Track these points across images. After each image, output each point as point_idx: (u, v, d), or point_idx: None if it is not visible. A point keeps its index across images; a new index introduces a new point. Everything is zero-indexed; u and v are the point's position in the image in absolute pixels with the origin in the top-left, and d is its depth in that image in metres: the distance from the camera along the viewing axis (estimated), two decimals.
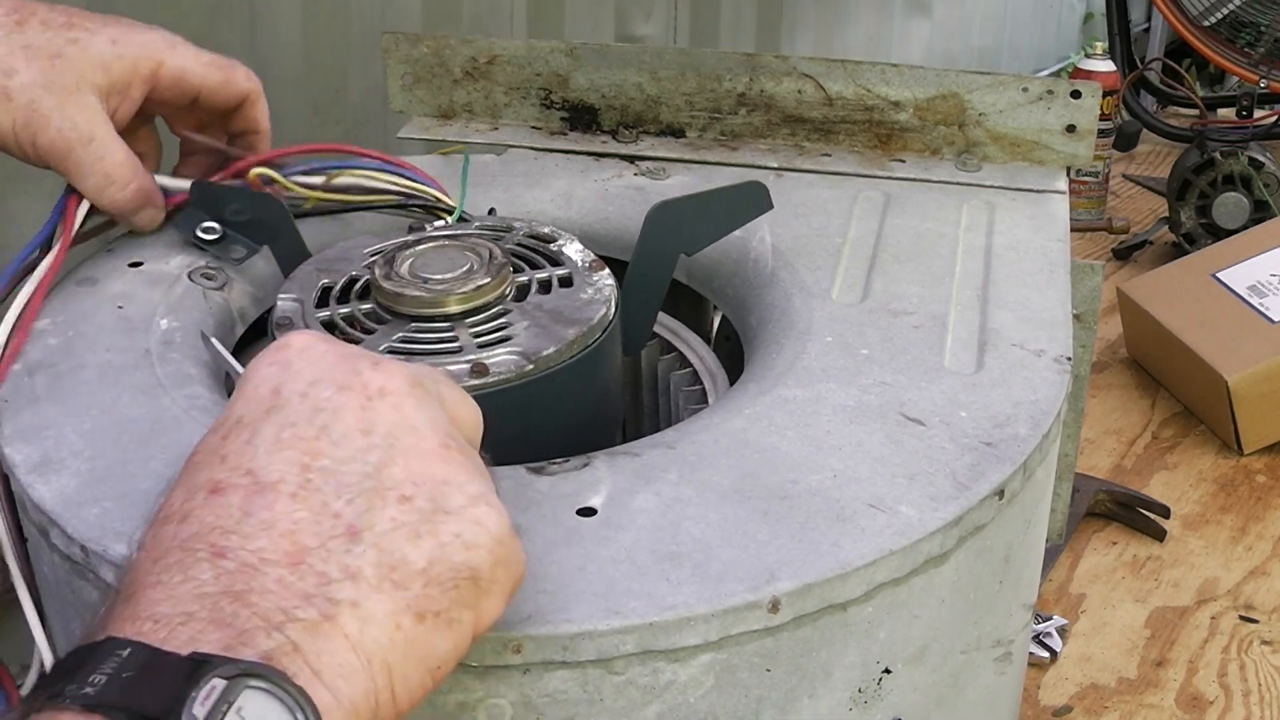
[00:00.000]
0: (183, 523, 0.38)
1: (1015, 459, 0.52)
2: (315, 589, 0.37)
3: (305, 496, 0.39)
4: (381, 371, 0.42)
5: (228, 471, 0.39)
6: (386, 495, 0.39)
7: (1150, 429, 1.24)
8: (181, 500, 0.39)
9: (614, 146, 0.83)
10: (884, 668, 0.49)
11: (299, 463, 0.39)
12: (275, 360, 0.43)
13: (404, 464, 0.40)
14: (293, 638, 0.36)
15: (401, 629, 0.38)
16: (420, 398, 0.42)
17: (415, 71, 0.85)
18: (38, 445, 0.53)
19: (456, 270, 0.60)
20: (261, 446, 0.40)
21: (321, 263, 0.64)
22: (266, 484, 0.39)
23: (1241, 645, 0.95)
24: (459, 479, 0.41)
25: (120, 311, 0.62)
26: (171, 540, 0.38)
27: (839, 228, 0.71)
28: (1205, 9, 1.69)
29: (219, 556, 0.37)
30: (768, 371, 0.58)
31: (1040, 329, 0.61)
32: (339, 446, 0.40)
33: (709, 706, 0.46)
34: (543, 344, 0.57)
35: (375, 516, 0.39)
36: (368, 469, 0.40)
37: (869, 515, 0.48)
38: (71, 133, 0.62)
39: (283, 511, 0.38)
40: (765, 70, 0.81)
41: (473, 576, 0.39)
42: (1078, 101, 0.78)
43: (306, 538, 0.38)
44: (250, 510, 0.38)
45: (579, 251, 0.64)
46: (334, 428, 0.40)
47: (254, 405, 0.41)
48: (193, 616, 0.35)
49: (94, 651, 0.34)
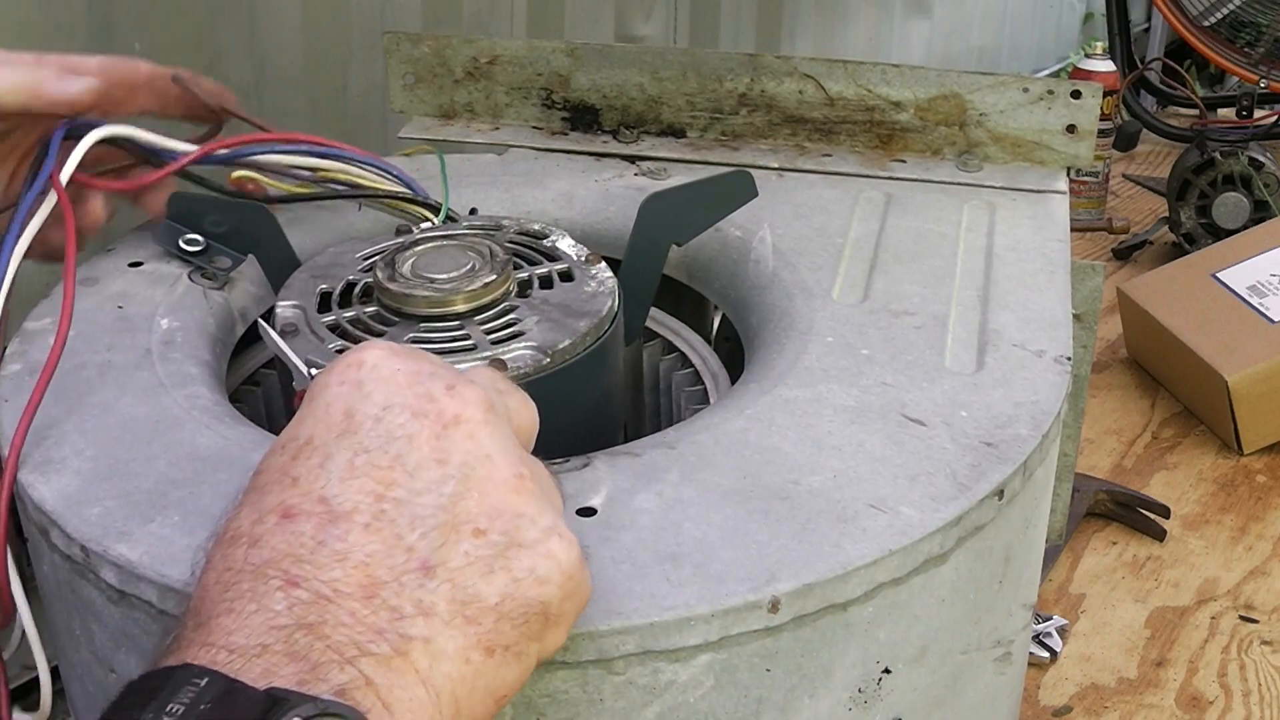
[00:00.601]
0: (254, 547, 0.38)
1: (1015, 459, 0.52)
2: (388, 624, 0.37)
3: (379, 528, 0.38)
4: (456, 398, 0.41)
5: (299, 497, 0.39)
6: (461, 529, 0.39)
7: (1150, 429, 1.24)
8: (251, 522, 0.39)
9: (615, 147, 0.83)
10: (884, 668, 0.49)
11: (373, 492, 0.39)
12: (346, 379, 0.42)
13: (478, 496, 0.40)
14: (365, 672, 0.36)
15: (471, 663, 0.38)
16: (494, 424, 0.41)
17: (416, 71, 0.85)
18: (38, 444, 0.53)
19: (461, 269, 0.60)
20: (335, 473, 0.39)
21: (315, 269, 0.64)
22: (340, 513, 0.38)
23: (1241, 645, 0.95)
24: (532, 511, 0.40)
25: (120, 311, 0.62)
26: (243, 564, 0.38)
27: (840, 228, 0.71)
28: (1205, 9, 1.69)
29: (292, 585, 0.37)
30: (768, 372, 0.58)
31: (1041, 329, 0.61)
32: (414, 477, 0.39)
33: (709, 707, 0.46)
34: (557, 337, 0.58)
35: (449, 551, 0.38)
36: (442, 501, 0.39)
37: (870, 515, 0.48)
38: None
39: (356, 543, 0.38)
40: (766, 70, 0.81)
41: (543, 611, 0.40)
42: (1078, 102, 0.78)
43: (380, 571, 0.37)
44: (323, 540, 0.38)
45: (573, 246, 0.65)
46: (408, 457, 0.40)
47: (325, 426, 0.40)
48: (268, 648, 0.35)
49: (169, 678, 0.34)
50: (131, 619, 0.48)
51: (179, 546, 0.47)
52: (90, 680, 0.53)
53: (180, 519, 0.48)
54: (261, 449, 0.52)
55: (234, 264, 0.66)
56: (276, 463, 0.40)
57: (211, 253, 0.66)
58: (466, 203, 0.74)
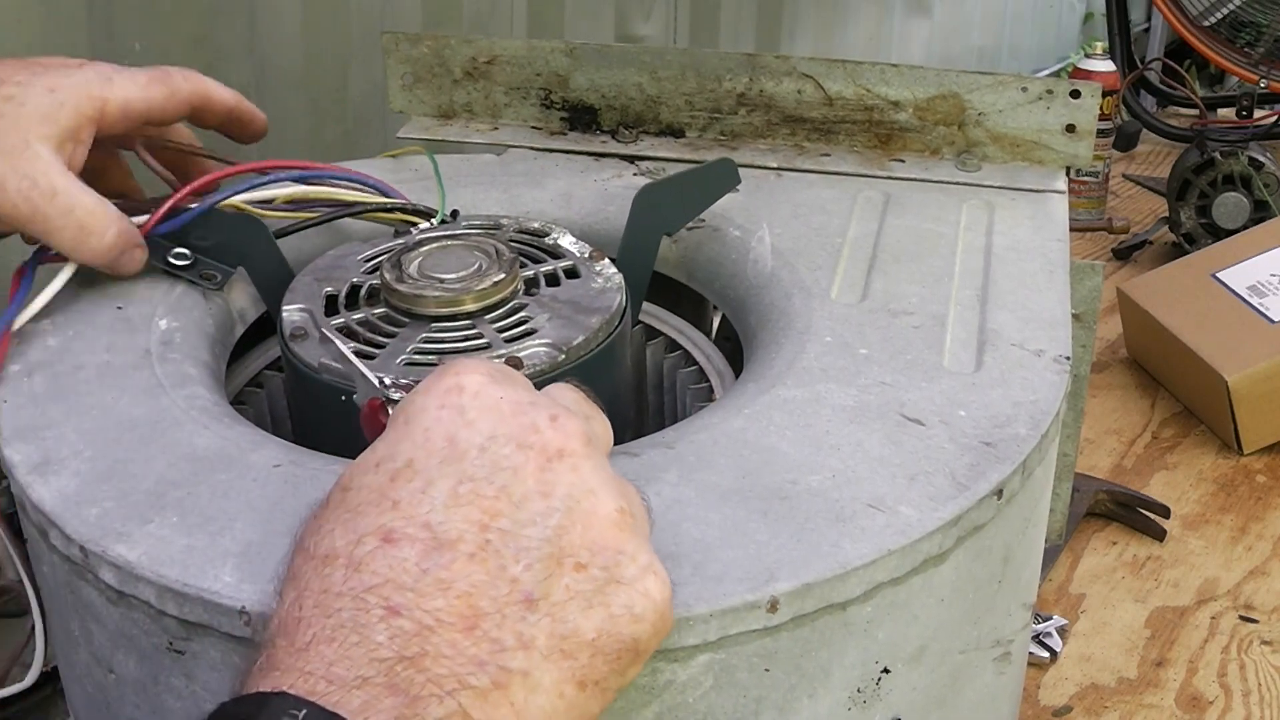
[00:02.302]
0: (353, 570, 0.38)
1: (1014, 459, 0.52)
2: (488, 656, 0.37)
3: (483, 558, 0.38)
4: (559, 430, 0.41)
5: (402, 521, 0.38)
6: (564, 562, 0.39)
7: (1150, 429, 1.24)
8: (348, 543, 0.38)
9: (614, 146, 0.83)
10: (883, 668, 0.49)
11: (478, 521, 0.39)
12: (448, 404, 0.41)
13: (581, 530, 0.40)
14: (464, 704, 0.36)
15: (564, 698, 0.38)
16: (594, 458, 0.42)
17: (415, 71, 0.85)
18: (37, 445, 0.53)
19: (468, 268, 0.60)
20: (439, 499, 0.39)
21: (318, 272, 0.63)
22: (445, 541, 0.38)
23: (1241, 645, 0.95)
24: (631, 548, 0.40)
25: (120, 311, 0.62)
26: (342, 587, 0.37)
27: (839, 228, 0.71)
28: (1205, 9, 1.69)
29: (393, 614, 0.36)
30: (767, 371, 0.58)
31: (1040, 329, 0.61)
32: (519, 509, 0.39)
33: (708, 707, 0.46)
34: (570, 334, 0.58)
35: (551, 585, 0.39)
36: (546, 533, 0.39)
37: (868, 515, 0.48)
38: (32, 191, 0.58)
39: (460, 572, 0.38)
40: (765, 70, 0.81)
41: (634, 647, 0.40)
42: (1077, 101, 0.78)
43: (483, 602, 0.37)
44: (427, 568, 0.37)
45: (574, 243, 0.65)
46: (514, 488, 0.40)
47: (427, 451, 0.40)
48: (368, 681, 0.35)
49: (265, 704, 0.34)
50: (130, 619, 0.48)
51: (178, 547, 0.47)
52: (90, 681, 0.53)
53: (179, 519, 0.48)
54: (260, 449, 0.52)
55: (224, 278, 0.65)
56: (372, 482, 0.40)
57: (200, 267, 0.65)
58: (465, 203, 0.74)
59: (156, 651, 0.48)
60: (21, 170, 0.58)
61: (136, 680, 0.49)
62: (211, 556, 0.46)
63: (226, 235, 0.65)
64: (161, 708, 0.49)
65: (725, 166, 0.71)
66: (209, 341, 0.63)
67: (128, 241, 0.62)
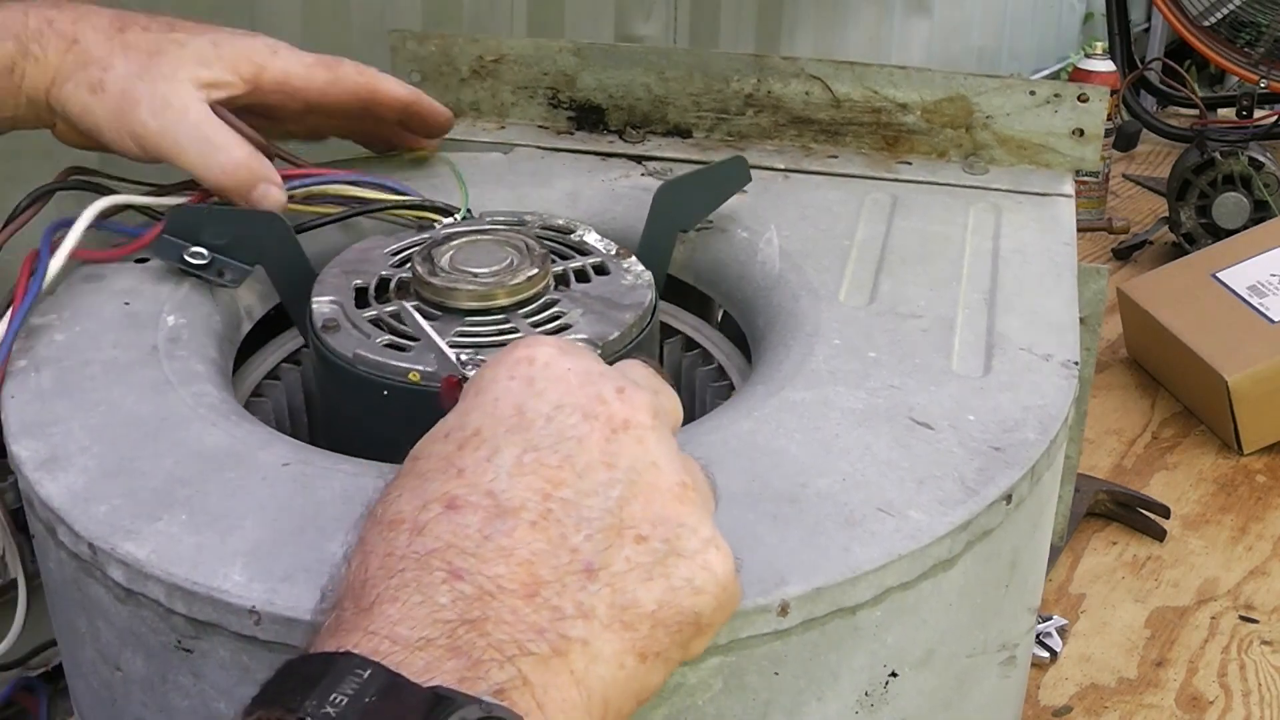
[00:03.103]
0: (417, 534, 0.38)
1: (1024, 464, 0.52)
2: (548, 623, 0.37)
3: (545, 527, 0.38)
4: (626, 402, 0.41)
5: (465, 488, 0.39)
6: (624, 534, 0.39)
7: (1150, 429, 1.24)
8: (414, 508, 0.39)
9: (621, 146, 0.83)
10: (891, 671, 0.49)
11: (541, 490, 0.39)
12: (517, 374, 0.42)
13: (643, 502, 0.40)
14: (524, 671, 0.36)
15: (625, 668, 0.38)
16: (660, 430, 0.42)
17: (422, 70, 0.85)
18: (45, 442, 0.53)
19: (501, 263, 0.60)
20: (503, 467, 0.39)
21: (345, 265, 0.63)
22: (508, 509, 0.38)
23: (1241, 645, 0.95)
24: (692, 521, 0.40)
25: (127, 308, 0.62)
26: (406, 550, 0.38)
27: (846, 230, 0.71)
28: (1205, 9, 1.69)
29: (456, 578, 0.37)
30: (775, 374, 0.58)
31: (1048, 333, 0.61)
32: (582, 479, 0.39)
33: (717, 710, 0.46)
34: (605, 329, 0.58)
35: (612, 555, 0.39)
36: (608, 504, 0.39)
37: (878, 519, 0.48)
38: (165, 110, 0.61)
39: (522, 539, 0.38)
40: (773, 71, 0.81)
41: (695, 620, 0.40)
42: (1085, 105, 0.78)
43: (543, 570, 0.38)
44: (489, 534, 0.38)
45: (599, 240, 0.65)
46: (578, 458, 0.40)
47: (494, 420, 0.41)
48: (431, 642, 0.35)
49: (331, 664, 0.34)
50: (139, 617, 0.48)
51: (186, 545, 0.47)
52: (95, 678, 0.52)
53: (187, 517, 0.48)
54: (268, 447, 0.52)
55: (241, 276, 0.65)
56: (440, 450, 0.41)
57: (217, 265, 0.64)
58: (472, 202, 0.74)
59: (164, 650, 0.48)
60: (160, 92, 0.61)
61: (144, 678, 0.49)
62: (221, 555, 0.46)
63: (244, 231, 0.64)
64: (169, 706, 0.49)
65: (738, 164, 0.71)
66: (216, 338, 0.63)
67: (260, 167, 0.63)
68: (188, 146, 0.62)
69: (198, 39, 0.63)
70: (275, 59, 0.65)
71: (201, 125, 0.62)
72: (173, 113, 0.61)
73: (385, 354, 0.56)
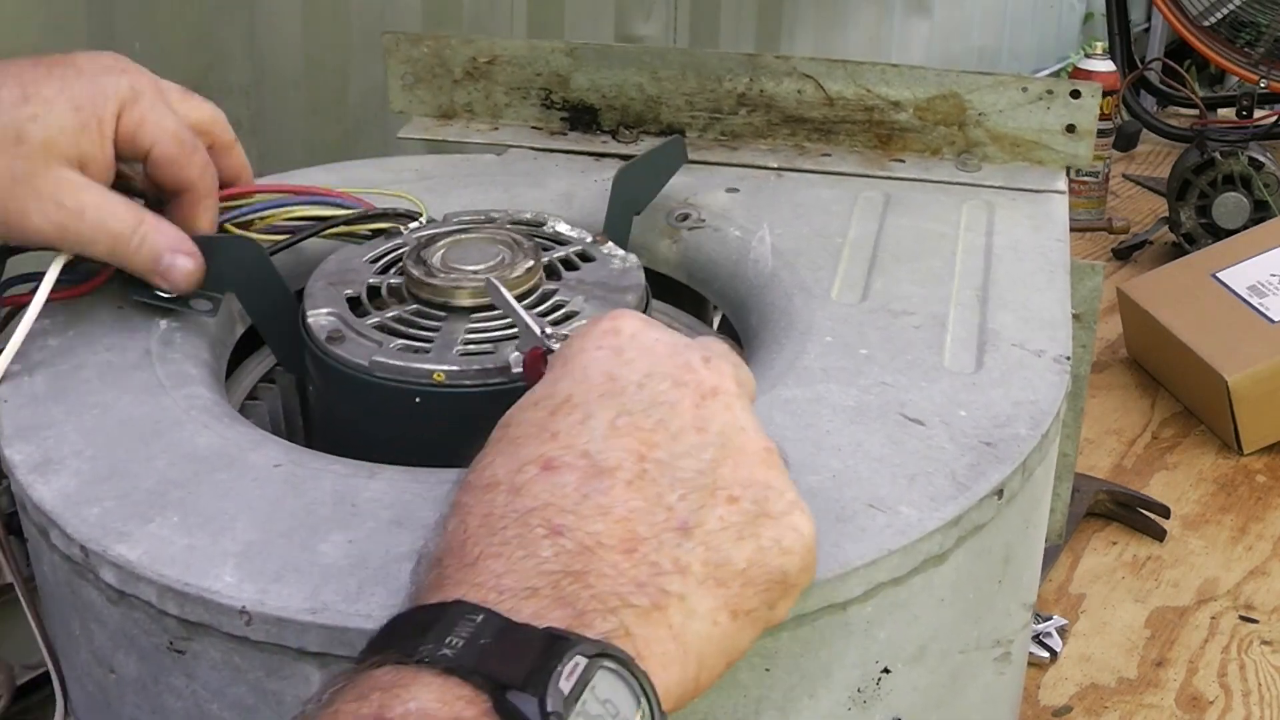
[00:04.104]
0: (515, 495, 0.39)
1: (1015, 459, 0.52)
2: (647, 578, 0.38)
3: (641, 486, 0.39)
4: (713, 370, 0.43)
5: (561, 450, 0.40)
6: (717, 494, 0.40)
7: (1150, 429, 1.24)
8: (509, 471, 0.40)
9: (614, 146, 0.83)
10: (883, 667, 0.49)
11: (636, 451, 0.40)
12: (605, 344, 0.43)
13: (733, 465, 0.41)
14: (626, 623, 0.37)
15: (718, 625, 0.39)
16: (744, 399, 0.43)
17: (416, 71, 0.85)
18: (38, 445, 0.53)
19: (493, 259, 0.60)
20: (597, 430, 0.40)
21: (328, 277, 0.62)
22: (604, 468, 0.39)
23: (1241, 645, 0.95)
24: (779, 484, 0.42)
25: (120, 311, 0.62)
26: (505, 509, 0.39)
27: (839, 228, 0.71)
28: (1205, 9, 1.69)
29: (556, 535, 0.38)
30: (767, 371, 0.58)
31: (1040, 329, 0.61)
32: (676, 441, 0.40)
33: (708, 706, 0.46)
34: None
35: (706, 514, 0.40)
36: (701, 466, 0.40)
37: (869, 515, 0.48)
38: (58, 213, 0.56)
39: (619, 498, 0.39)
40: (765, 70, 0.81)
41: (783, 580, 0.41)
42: (1077, 101, 0.78)
43: (641, 527, 0.38)
44: (587, 493, 0.39)
45: (571, 229, 0.66)
46: (671, 422, 0.41)
47: (586, 387, 0.42)
48: (537, 592, 0.36)
49: (443, 613, 0.35)
50: (131, 619, 0.48)
51: (178, 547, 0.47)
52: (90, 680, 0.53)
53: (180, 519, 0.48)
54: (260, 449, 0.52)
55: (214, 306, 0.62)
56: (532, 417, 0.41)
57: (188, 297, 0.61)
58: (466, 203, 0.74)
59: (157, 651, 0.48)
60: (46, 194, 0.56)
61: (137, 680, 0.49)
62: (212, 556, 0.46)
63: (211, 260, 0.61)
64: (162, 707, 0.49)
65: (676, 145, 0.74)
66: (209, 341, 0.63)
67: (170, 246, 0.59)
68: (93, 246, 0.58)
69: (57, 110, 0.57)
70: (134, 109, 0.59)
71: (105, 222, 0.58)
72: (67, 216, 0.56)
73: (404, 357, 0.56)
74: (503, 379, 0.55)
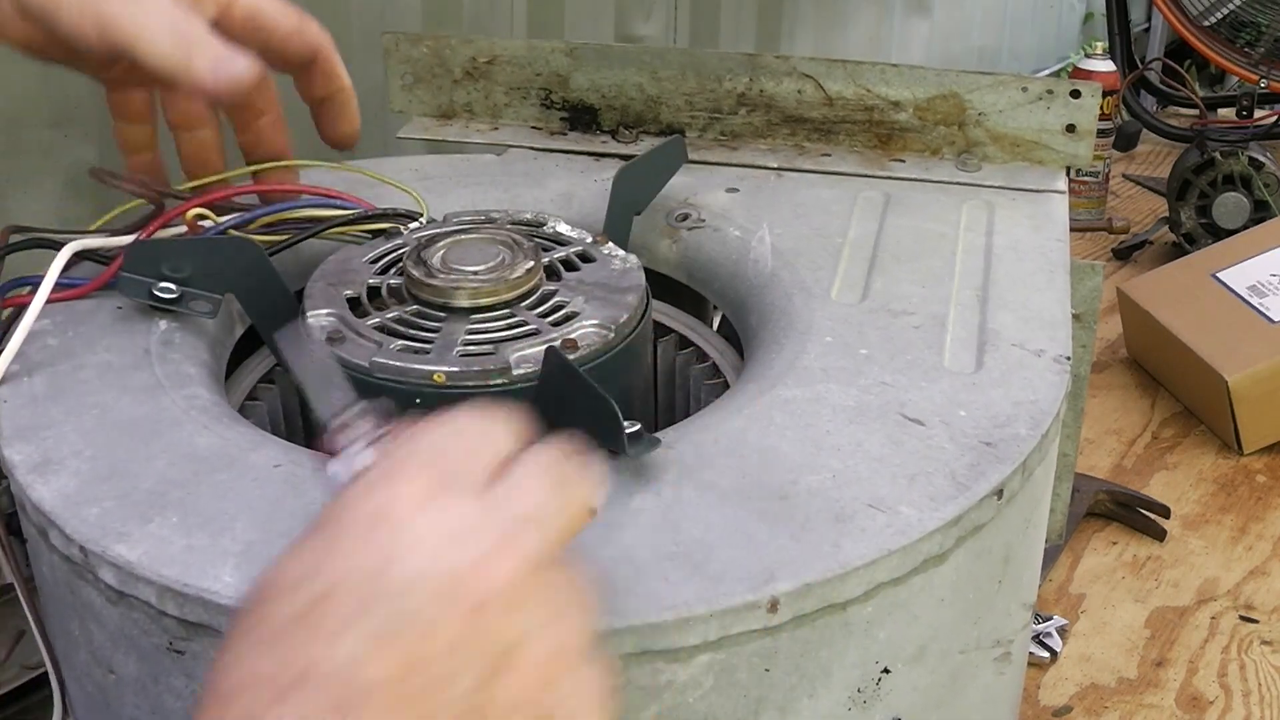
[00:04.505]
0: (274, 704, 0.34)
1: (1015, 459, 0.52)
2: None
3: (401, 710, 0.35)
4: (494, 571, 0.37)
5: (315, 661, 0.35)
6: (489, 718, 0.36)
7: (1150, 429, 1.24)
8: (260, 677, 0.35)
9: (614, 146, 0.83)
10: (883, 668, 0.49)
11: (393, 675, 0.35)
12: (378, 529, 0.37)
13: (505, 686, 0.36)
14: None
15: None
16: (538, 595, 0.38)
17: (415, 71, 0.85)
18: (37, 445, 0.53)
19: (494, 259, 0.60)
20: (357, 644, 0.35)
21: (329, 277, 0.62)
22: (360, 689, 0.35)
23: (1241, 645, 0.95)
24: (569, 702, 0.37)
25: (119, 311, 0.62)
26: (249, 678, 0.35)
27: (839, 228, 0.71)
28: (1205, 9, 1.69)
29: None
30: (767, 371, 0.58)
31: (1040, 329, 0.61)
32: (441, 660, 0.35)
33: (708, 707, 0.46)
34: (615, 313, 0.58)
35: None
36: (471, 684, 0.36)
37: (868, 515, 0.48)
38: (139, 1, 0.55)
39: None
40: (765, 70, 0.81)
41: None
42: (1077, 101, 0.78)
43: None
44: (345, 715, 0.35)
45: (571, 229, 0.65)
46: (438, 636, 0.36)
47: (346, 589, 0.36)
48: None
49: None
50: (130, 620, 0.48)
51: (178, 547, 0.47)
52: (89, 681, 0.53)
53: (179, 520, 0.48)
54: (260, 449, 0.52)
55: (215, 306, 0.62)
56: (284, 612, 0.36)
57: (187, 299, 0.61)
58: (466, 203, 0.74)
59: (156, 651, 0.48)
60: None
61: (136, 680, 0.49)
62: (212, 556, 0.46)
63: (208, 261, 0.61)
64: (161, 708, 0.49)
65: (677, 144, 0.74)
66: (209, 341, 0.63)
67: (221, 50, 0.57)
68: (159, 37, 0.56)
69: None
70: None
71: (178, 20, 0.56)
72: (147, 2, 0.55)
73: (404, 358, 0.56)
74: (503, 380, 0.55)
